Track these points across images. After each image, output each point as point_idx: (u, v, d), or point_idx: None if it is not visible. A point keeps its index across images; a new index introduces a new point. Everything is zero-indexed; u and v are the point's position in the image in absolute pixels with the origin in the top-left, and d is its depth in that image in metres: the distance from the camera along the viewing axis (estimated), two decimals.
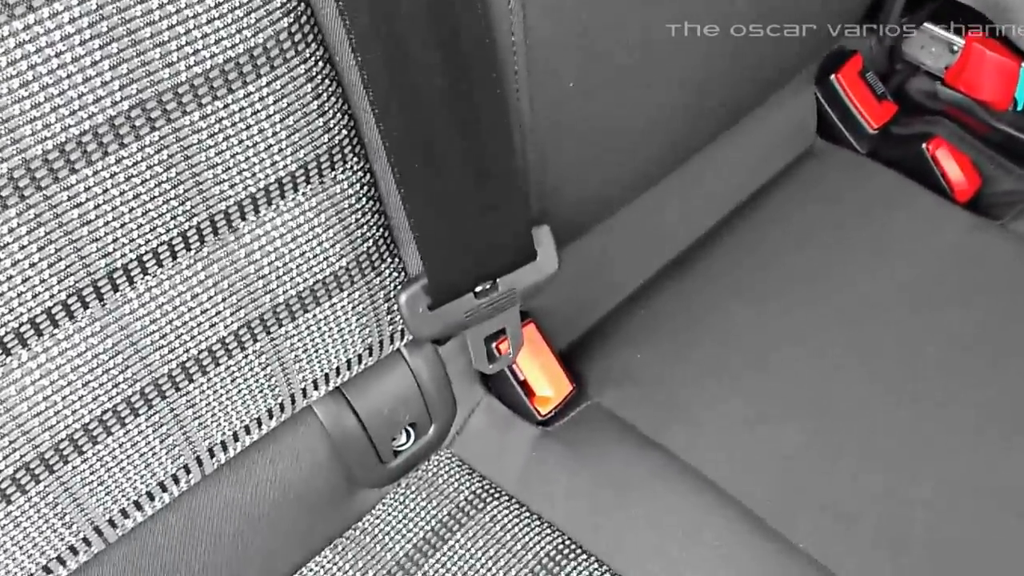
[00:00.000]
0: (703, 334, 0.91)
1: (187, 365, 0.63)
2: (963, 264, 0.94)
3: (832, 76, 1.04)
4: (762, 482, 0.80)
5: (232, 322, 0.63)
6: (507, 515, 0.80)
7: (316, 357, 0.70)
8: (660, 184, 0.91)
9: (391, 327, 0.73)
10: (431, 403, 0.82)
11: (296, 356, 0.68)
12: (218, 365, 0.64)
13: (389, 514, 0.81)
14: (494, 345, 0.79)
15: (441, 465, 0.84)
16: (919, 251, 0.95)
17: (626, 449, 0.83)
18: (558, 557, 0.78)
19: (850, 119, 1.05)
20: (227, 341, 0.64)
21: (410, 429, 0.82)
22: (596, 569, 0.77)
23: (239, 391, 0.66)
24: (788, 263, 0.95)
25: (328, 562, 0.79)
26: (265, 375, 0.67)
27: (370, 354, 0.74)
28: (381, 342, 0.74)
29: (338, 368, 0.72)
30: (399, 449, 0.82)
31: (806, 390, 0.86)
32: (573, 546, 0.78)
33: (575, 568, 0.77)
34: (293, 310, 0.66)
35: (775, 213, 1.00)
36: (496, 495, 0.82)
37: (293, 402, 0.71)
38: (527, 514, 0.80)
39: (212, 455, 0.68)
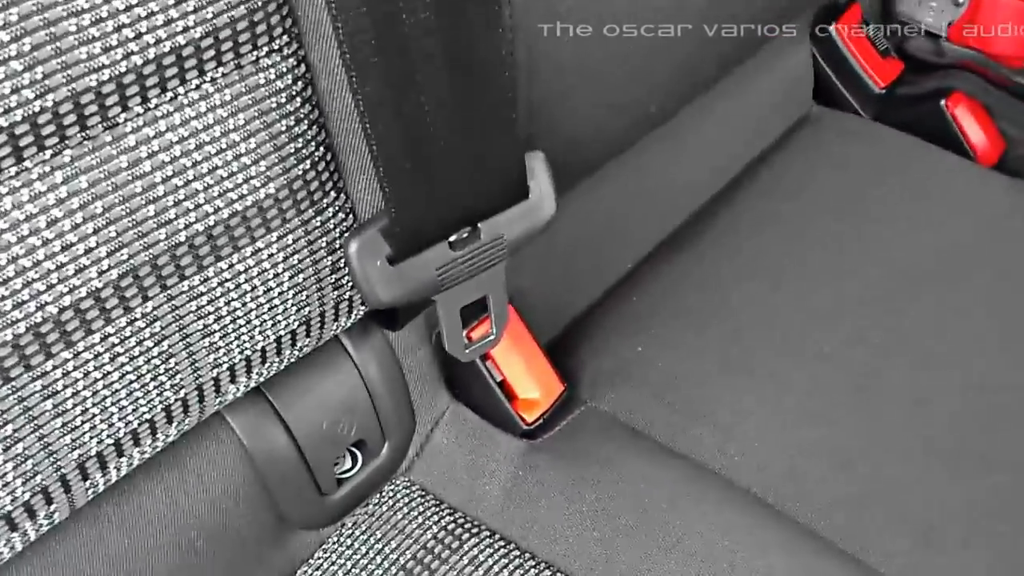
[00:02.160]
0: (710, 320, 0.74)
1: (42, 331, 0.42)
2: (1001, 230, 0.80)
3: (831, 27, 0.89)
4: (817, 494, 0.63)
5: (109, 266, 0.43)
6: (490, 555, 0.62)
7: (232, 329, 0.49)
8: (648, 151, 0.77)
9: (335, 292, 0.54)
10: (383, 413, 0.63)
11: (205, 325, 0.48)
12: (90, 332, 0.44)
13: (333, 563, 0.62)
14: (465, 333, 0.60)
15: (398, 496, 0.65)
16: (949, 217, 0.81)
17: (639, 461, 0.65)
18: None
19: (852, 78, 0.91)
20: (103, 296, 0.44)
21: (356, 451, 0.63)
22: None
23: (122, 375, 0.46)
24: (800, 237, 0.81)
25: None
26: (160, 353, 0.47)
27: (307, 333, 0.54)
28: (322, 314, 0.54)
29: (263, 351, 0.52)
30: (343, 476, 0.63)
31: (843, 377, 0.71)
32: None
33: None
34: (200, 254, 0.46)
35: (776, 184, 0.85)
36: (473, 531, 0.63)
37: (201, 400, 0.51)
38: (516, 553, 0.62)
39: (84, 476, 0.47)
